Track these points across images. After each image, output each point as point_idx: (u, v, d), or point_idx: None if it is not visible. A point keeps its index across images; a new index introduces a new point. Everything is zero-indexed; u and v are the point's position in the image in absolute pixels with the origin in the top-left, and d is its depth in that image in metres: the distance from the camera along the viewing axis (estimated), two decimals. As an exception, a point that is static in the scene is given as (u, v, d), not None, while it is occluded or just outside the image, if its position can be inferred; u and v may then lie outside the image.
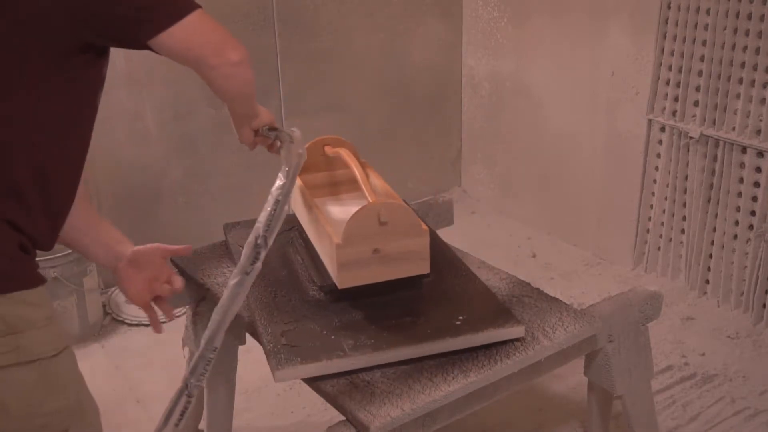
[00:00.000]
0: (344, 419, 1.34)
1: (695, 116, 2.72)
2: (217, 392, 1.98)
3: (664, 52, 2.77)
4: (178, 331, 2.14)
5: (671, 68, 2.75)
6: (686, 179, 2.82)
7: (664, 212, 2.93)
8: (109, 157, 2.80)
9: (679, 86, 2.74)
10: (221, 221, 1.98)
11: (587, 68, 3.03)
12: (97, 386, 1.44)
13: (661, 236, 2.97)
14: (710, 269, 2.81)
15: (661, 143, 2.86)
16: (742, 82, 2.55)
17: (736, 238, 2.68)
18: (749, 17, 2.48)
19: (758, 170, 2.57)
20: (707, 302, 2.82)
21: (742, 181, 2.62)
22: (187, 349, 2.01)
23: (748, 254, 2.65)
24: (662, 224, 2.95)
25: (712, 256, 2.79)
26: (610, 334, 1.64)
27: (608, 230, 3.14)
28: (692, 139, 2.72)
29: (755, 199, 2.59)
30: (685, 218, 2.87)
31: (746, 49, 2.51)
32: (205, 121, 2.97)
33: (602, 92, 3.00)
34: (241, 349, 2.00)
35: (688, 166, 2.80)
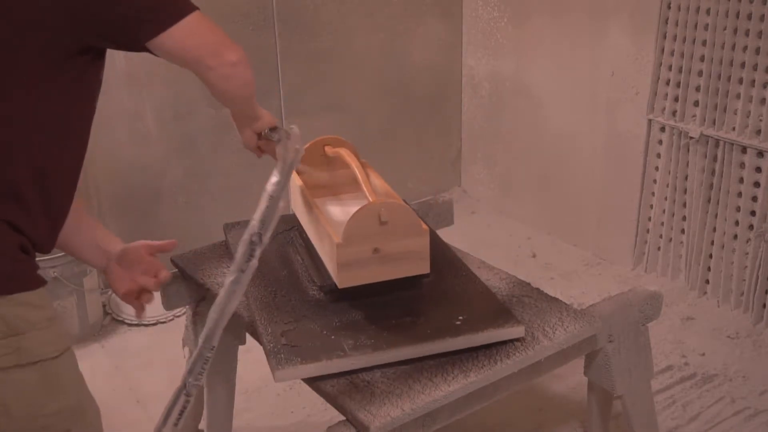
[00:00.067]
0: (344, 419, 1.33)
1: (695, 116, 2.72)
2: (217, 392, 1.98)
3: (664, 52, 2.77)
4: (178, 331, 2.14)
5: (671, 68, 2.75)
6: (686, 179, 2.82)
7: (664, 212, 2.93)
8: (109, 157, 2.80)
9: (679, 86, 2.74)
10: (221, 221, 1.98)
11: (587, 68, 3.03)
12: (97, 386, 1.44)
13: (661, 236, 2.97)
14: (710, 269, 2.81)
15: (661, 143, 2.86)
16: (742, 82, 2.55)
17: (736, 238, 2.68)
18: (749, 17, 2.48)
19: (758, 170, 2.57)
20: (707, 302, 2.81)
21: (742, 181, 2.62)
22: (187, 349, 2.01)
23: (748, 254, 2.65)
24: (662, 224, 2.95)
25: (712, 256, 2.79)
26: (610, 334, 1.64)
27: (608, 230, 3.14)
28: (692, 139, 2.72)
29: (755, 199, 2.59)
30: (685, 218, 2.87)
31: (746, 49, 2.51)
32: (205, 121, 2.97)
33: (602, 92, 3.00)
34: (241, 349, 2.00)
35: (688, 166, 2.80)
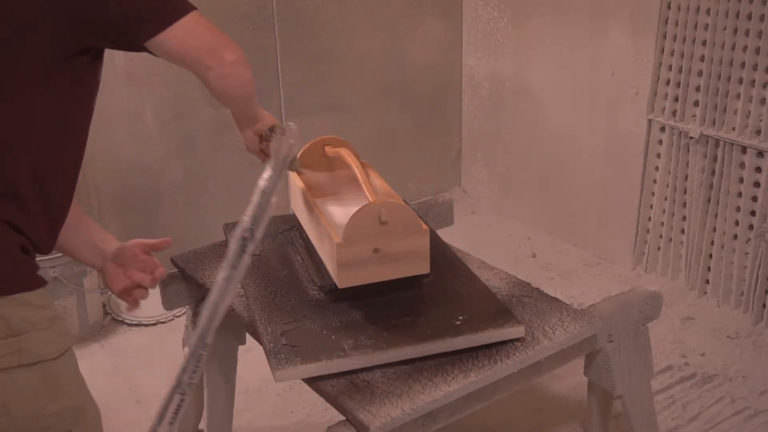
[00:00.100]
0: (344, 419, 1.33)
1: (695, 116, 2.72)
2: (217, 392, 1.98)
3: (664, 52, 2.77)
4: (178, 331, 2.14)
5: (671, 68, 2.75)
6: (686, 179, 2.82)
7: (664, 212, 2.93)
8: (109, 157, 2.80)
9: (679, 86, 2.74)
10: (221, 221, 1.98)
11: (587, 68, 3.03)
12: (97, 386, 1.44)
13: (661, 236, 2.97)
14: (710, 269, 2.81)
15: (661, 143, 2.86)
16: (742, 82, 2.55)
17: (736, 238, 2.68)
18: (749, 17, 2.48)
19: (758, 170, 2.57)
20: (707, 302, 2.81)
21: (742, 181, 2.62)
22: (187, 348, 2.00)
23: (748, 254, 2.65)
24: (662, 224, 2.95)
25: (712, 256, 2.79)
26: (610, 334, 1.64)
27: (608, 230, 3.14)
28: (692, 139, 2.72)
29: (755, 199, 2.59)
30: (685, 218, 2.87)
31: (746, 49, 2.51)
32: (205, 121, 2.97)
33: (602, 92, 3.00)
34: (241, 349, 2.00)
35: (688, 166, 2.80)
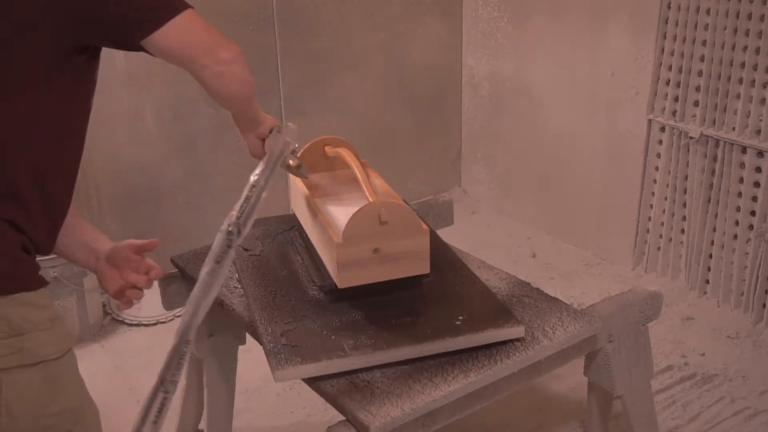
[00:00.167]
0: (344, 419, 1.33)
1: (695, 116, 2.72)
2: (217, 392, 1.98)
3: (664, 52, 2.77)
4: (178, 331, 2.13)
5: (671, 68, 2.75)
6: (686, 179, 2.82)
7: (664, 212, 2.93)
8: (109, 157, 2.80)
9: (679, 86, 2.74)
10: (221, 221, 1.96)
11: (587, 68, 3.03)
12: (97, 386, 1.44)
13: (661, 236, 2.97)
14: (710, 269, 2.81)
15: (661, 143, 2.86)
16: (742, 82, 2.55)
17: (736, 238, 2.68)
18: (749, 17, 2.48)
19: (758, 170, 2.57)
20: (707, 302, 2.81)
21: (742, 181, 2.62)
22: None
23: (748, 254, 2.65)
24: (662, 224, 2.95)
25: (712, 256, 2.79)
26: (610, 334, 1.64)
27: (608, 230, 3.14)
28: (692, 139, 2.72)
29: (755, 199, 2.59)
30: (685, 218, 2.87)
31: (746, 49, 2.51)
32: (205, 121, 2.97)
33: (602, 92, 3.00)
34: (241, 349, 2.00)
35: (688, 166, 2.80)
